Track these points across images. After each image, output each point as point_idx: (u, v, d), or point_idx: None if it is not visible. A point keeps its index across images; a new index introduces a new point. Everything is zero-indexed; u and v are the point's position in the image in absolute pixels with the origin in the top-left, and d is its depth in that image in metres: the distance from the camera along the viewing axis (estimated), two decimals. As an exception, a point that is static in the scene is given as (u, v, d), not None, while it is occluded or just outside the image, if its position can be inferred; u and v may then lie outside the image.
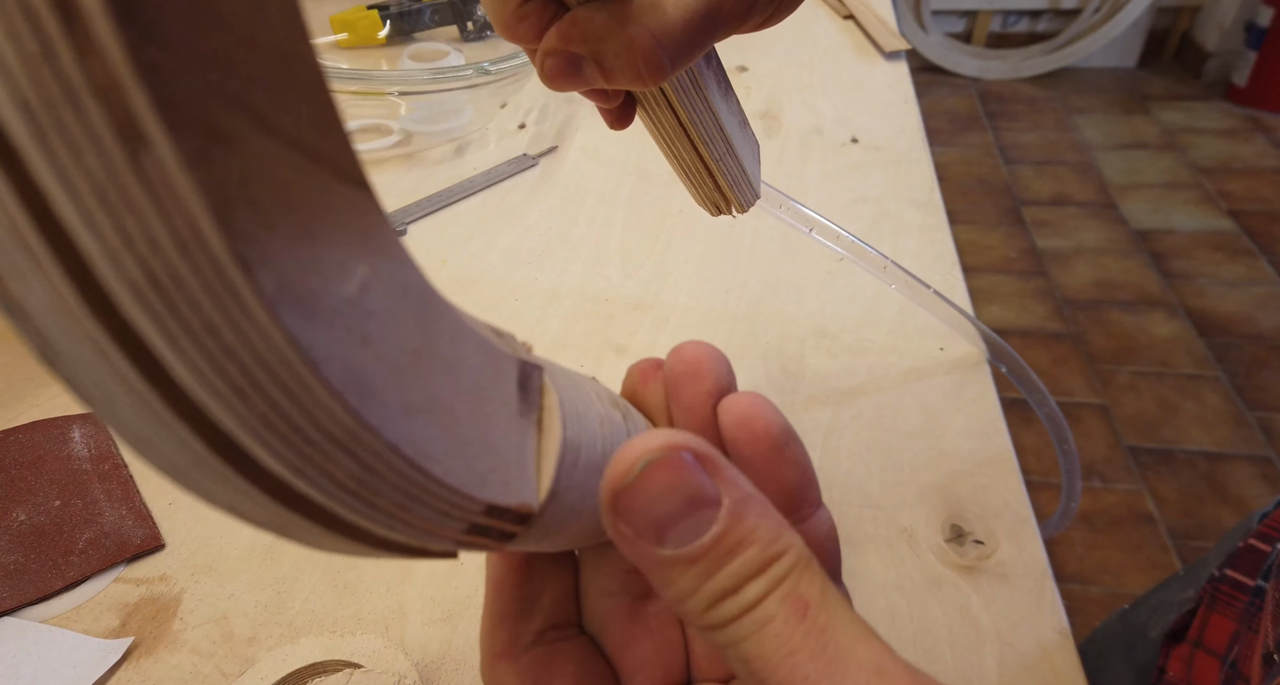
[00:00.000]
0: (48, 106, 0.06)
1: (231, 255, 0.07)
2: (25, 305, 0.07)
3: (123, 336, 0.07)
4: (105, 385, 0.08)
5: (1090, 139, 1.96)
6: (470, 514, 0.10)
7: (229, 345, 0.07)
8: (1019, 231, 1.65)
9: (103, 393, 0.08)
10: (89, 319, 0.07)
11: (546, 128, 0.60)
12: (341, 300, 0.08)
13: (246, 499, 0.09)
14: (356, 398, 0.08)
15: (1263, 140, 1.91)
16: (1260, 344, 1.36)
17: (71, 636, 0.28)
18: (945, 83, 2.25)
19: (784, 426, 0.16)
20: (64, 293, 0.07)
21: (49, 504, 0.32)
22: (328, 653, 0.27)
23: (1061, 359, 1.36)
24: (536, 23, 0.19)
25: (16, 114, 0.06)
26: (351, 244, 0.09)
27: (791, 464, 0.16)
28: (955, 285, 0.43)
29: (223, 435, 0.08)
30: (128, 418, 0.08)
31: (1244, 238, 1.60)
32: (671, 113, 0.24)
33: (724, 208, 0.28)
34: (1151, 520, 1.11)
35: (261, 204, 0.07)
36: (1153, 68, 2.28)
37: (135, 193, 0.07)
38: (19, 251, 0.07)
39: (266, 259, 0.07)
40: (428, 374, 0.10)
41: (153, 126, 0.06)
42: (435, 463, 0.10)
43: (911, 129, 0.58)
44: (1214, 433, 1.22)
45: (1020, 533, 0.31)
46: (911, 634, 0.28)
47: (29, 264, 0.07)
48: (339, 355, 0.08)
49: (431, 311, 0.10)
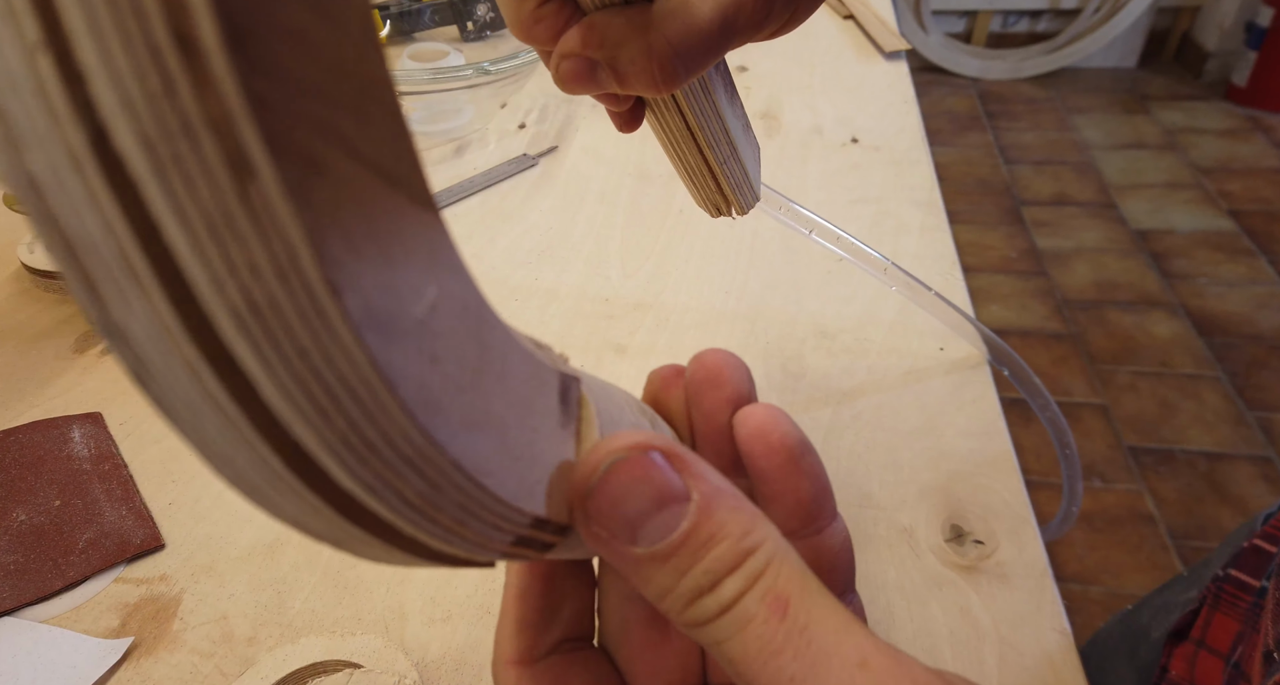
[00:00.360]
0: (166, 139, 0.07)
1: (324, 281, 0.07)
2: (125, 328, 0.07)
3: (218, 359, 0.08)
4: (195, 406, 0.08)
5: (1090, 139, 1.96)
6: (519, 527, 0.11)
7: (316, 367, 0.08)
8: (1019, 231, 1.65)
9: (191, 413, 0.08)
10: (187, 342, 0.07)
11: (546, 128, 0.60)
12: (414, 322, 0.09)
13: (314, 513, 0.09)
14: (426, 416, 0.09)
15: (1262, 140, 1.91)
16: (1260, 344, 1.36)
17: (71, 636, 0.28)
18: (945, 83, 2.25)
19: (800, 439, 0.16)
20: (166, 317, 0.07)
21: (49, 504, 0.32)
22: (328, 653, 0.27)
23: (1061, 359, 1.36)
24: (553, 24, 0.19)
25: (138, 147, 0.07)
26: (423, 266, 0.09)
27: (807, 476, 0.16)
28: (955, 285, 0.43)
29: (302, 453, 0.08)
30: (212, 436, 0.08)
31: (1244, 238, 1.60)
32: (680, 117, 0.24)
33: (725, 209, 0.28)
34: (1151, 520, 1.11)
35: (350, 230, 0.08)
36: (1153, 68, 2.28)
37: (241, 221, 0.07)
38: (125, 277, 0.07)
39: (354, 284, 0.08)
40: (485, 389, 0.10)
41: (259, 157, 0.07)
42: (491, 477, 0.10)
43: (912, 129, 0.58)
44: (1214, 433, 1.22)
45: (1020, 533, 0.31)
46: (911, 634, 0.28)
47: (134, 289, 0.07)
48: (412, 375, 0.09)
49: (487, 328, 0.10)
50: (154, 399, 0.08)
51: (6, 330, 0.41)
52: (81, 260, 0.07)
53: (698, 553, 0.12)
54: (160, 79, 0.06)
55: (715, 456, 0.17)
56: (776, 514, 0.16)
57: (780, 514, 0.16)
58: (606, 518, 0.12)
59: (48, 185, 0.07)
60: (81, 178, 0.07)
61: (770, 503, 0.16)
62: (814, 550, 0.16)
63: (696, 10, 0.19)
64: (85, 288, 0.07)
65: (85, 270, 0.07)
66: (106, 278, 0.07)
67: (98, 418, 0.36)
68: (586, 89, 0.20)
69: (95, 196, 0.07)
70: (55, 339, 0.41)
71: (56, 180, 0.07)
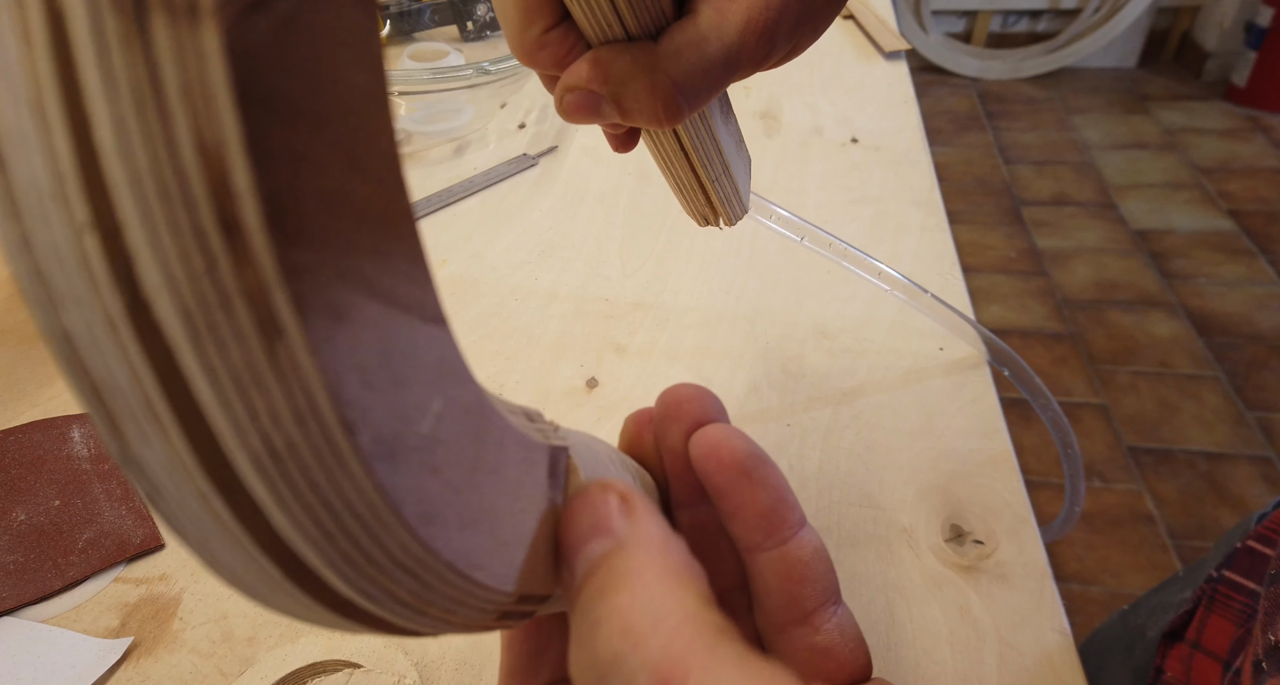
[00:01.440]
0: (204, 310, 0.07)
1: (339, 422, 0.08)
2: (141, 460, 0.08)
3: (231, 492, 0.08)
4: (203, 526, 0.08)
5: (1090, 139, 1.96)
6: (504, 605, 0.11)
7: (327, 498, 0.08)
8: (1019, 231, 1.65)
9: (198, 531, 0.09)
10: (203, 478, 0.08)
11: (546, 128, 0.60)
12: (420, 438, 0.09)
13: (309, 611, 0.09)
14: (424, 528, 0.09)
15: (1262, 140, 1.91)
16: (1259, 344, 1.36)
17: (71, 636, 0.28)
18: (945, 83, 2.25)
19: (750, 452, 0.16)
20: (184, 456, 0.08)
21: (49, 503, 0.32)
22: (328, 652, 0.27)
23: (1061, 359, 1.36)
24: (556, 51, 0.20)
25: (178, 320, 0.07)
26: (430, 380, 0.09)
27: (761, 487, 0.16)
28: (955, 286, 0.43)
29: (304, 567, 0.09)
30: (217, 551, 0.09)
31: (1243, 238, 1.60)
32: (675, 139, 0.24)
33: (713, 221, 0.28)
34: (1151, 520, 1.11)
35: (365, 366, 0.08)
36: (1152, 68, 2.28)
37: (267, 377, 0.08)
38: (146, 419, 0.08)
39: (365, 418, 0.08)
40: (480, 485, 0.11)
41: (288, 319, 0.07)
42: (480, 570, 0.10)
43: (911, 129, 0.58)
44: (1213, 433, 1.22)
45: (1020, 533, 0.31)
46: (911, 634, 0.28)
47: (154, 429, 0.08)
48: (414, 489, 0.09)
49: (484, 422, 0.11)
50: (164, 517, 0.09)
51: (6, 330, 0.41)
52: (105, 401, 0.08)
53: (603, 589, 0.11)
54: (204, 259, 0.07)
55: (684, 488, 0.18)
56: (737, 529, 0.16)
57: (741, 528, 0.16)
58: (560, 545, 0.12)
59: (81, 339, 0.07)
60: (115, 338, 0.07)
61: (730, 518, 0.16)
62: (781, 562, 0.16)
63: (701, 48, 0.19)
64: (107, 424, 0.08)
65: (109, 410, 0.08)
66: (128, 418, 0.08)
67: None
68: (589, 121, 0.20)
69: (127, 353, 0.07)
70: (55, 339, 0.41)
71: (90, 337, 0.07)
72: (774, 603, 0.16)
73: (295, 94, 0.07)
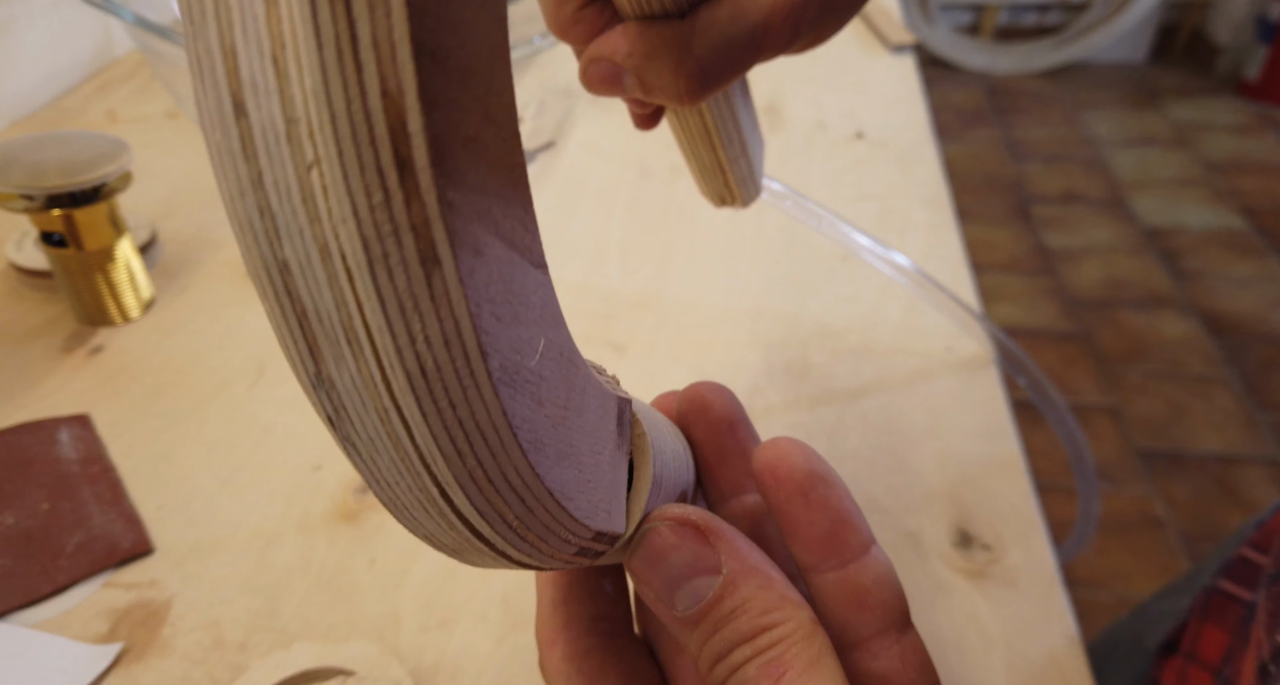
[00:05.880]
0: (378, 240, 0.08)
1: (478, 347, 0.09)
2: (334, 379, 0.09)
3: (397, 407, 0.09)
4: (377, 443, 0.10)
5: (1100, 135, 1.95)
6: (583, 540, 0.12)
7: (462, 417, 0.09)
8: (1027, 229, 1.64)
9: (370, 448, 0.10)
10: (386, 394, 0.09)
11: (544, 123, 0.59)
12: (529, 371, 0.10)
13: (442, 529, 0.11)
14: (534, 453, 0.10)
15: (1274, 136, 1.89)
16: (1272, 344, 1.35)
17: (60, 642, 0.28)
18: (952, 77, 2.23)
19: (809, 470, 0.16)
20: (374, 374, 0.09)
21: (37, 507, 0.31)
22: (320, 659, 0.27)
23: (1071, 360, 1.34)
24: (591, 27, 0.20)
25: (359, 247, 0.08)
26: (536, 320, 0.11)
27: (820, 509, 0.15)
28: (964, 285, 0.42)
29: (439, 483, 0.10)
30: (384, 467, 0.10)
31: (1255, 236, 1.58)
32: (700, 117, 0.25)
33: (729, 200, 0.29)
34: (1162, 524, 1.10)
35: (495, 300, 0.09)
36: (1163, 62, 2.26)
37: (425, 303, 0.09)
38: (346, 342, 0.09)
39: (496, 346, 0.09)
40: (570, 424, 0.12)
41: (444, 252, 0.09)
42: (570, 501, 0.12)
43: (918, 124, 0.57)
44: (1225, 434, 1.20)
45: (1029, 537, 0.31)
46: (917, 642, 0.28)
47: (351, 351, 0.09)
48: (526, 418, 0.10)
49: (572, 367, 0.12)
50: (340, 436, 0.10)
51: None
52: (309, 326, 0.09)
53: (720, 623, 0.13)
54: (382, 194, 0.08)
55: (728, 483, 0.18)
56: (794, 547, 0.16)
57: (798, 547, 0.16)
58: (651, 581, 0.14)
59: (296, 268, 0.09)
60: (327, 265, 0.09)
61: (787, 537, 0.16)
62: (840, 586, 0.15)
63: (727, 29, 0.19)
64: (306, 348, 0.09)
65: (310, 334, 0.09)
66: (328, 340, 0.09)
67: (86, 420, 0.35)
68: (611, 93, 0.21)
69: (336, 279, 0.09)
70: (43, 339, 0.40)
71: (306, 265, 0.09)
72: (831, 625, 0.16)
73: (450, 47, 0.08)
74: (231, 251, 0.46)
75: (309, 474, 0.34)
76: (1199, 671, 0.33)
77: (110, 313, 0.41)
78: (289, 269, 0.09)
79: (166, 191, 0.51)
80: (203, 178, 0.53)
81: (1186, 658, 0.34)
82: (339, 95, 0.08)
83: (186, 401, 0.37)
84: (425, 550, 0.31)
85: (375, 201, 0.08)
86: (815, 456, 0.16)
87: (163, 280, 0.44)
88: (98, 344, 0.40)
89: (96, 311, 0.40)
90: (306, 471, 0.34)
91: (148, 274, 0.42)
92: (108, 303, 0.40)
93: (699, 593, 0.13)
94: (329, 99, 0.08)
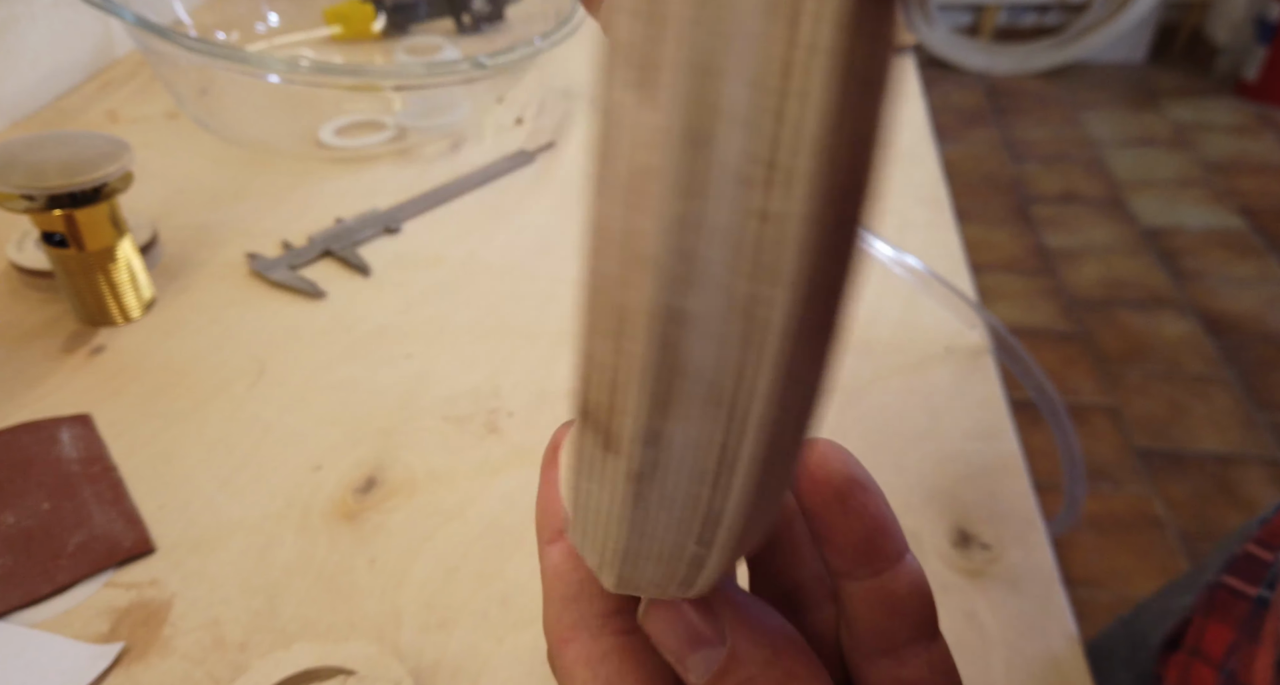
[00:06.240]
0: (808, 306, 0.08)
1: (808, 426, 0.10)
2: (666, 437, 0.09)
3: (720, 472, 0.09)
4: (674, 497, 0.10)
5: (1099, 135, 1.95)
6: None
7: (771, 491, 0.10)
8: (1026, 229, 1.64)
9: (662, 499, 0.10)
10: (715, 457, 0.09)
11: (544, 123, 0.59)
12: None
13: (663, 579, 0.11)
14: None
15: (1272, 136, 1.89)
16: (1271, 344, 1.35)
17: (60, 642, 0.28)
18: (951, 78, 2.23)
19: (847, 476, 0.15)
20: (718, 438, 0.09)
21: (38, 507, 0.31)
22: (321, 659, 0.27)
23: (1070, 359, 1.34)
24: None
25: (786, 313, 0.08)
26: None
27: (857, 516, 0.15)
28: (963, 285, 0.42)
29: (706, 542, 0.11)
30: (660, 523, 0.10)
31: (1255, 236, 1.59)
32: None
33: None
34: (1161, 524, 1.10)
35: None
36: (1162, 63, 2.26)
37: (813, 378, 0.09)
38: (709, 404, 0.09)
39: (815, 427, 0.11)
40: None
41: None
42: None
43: (917, 124, 0.57)
44: (1225, 434, 1.20)
45: (1028, 537, 0.31)
46: (916, 642, 0.28)
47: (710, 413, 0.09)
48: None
49: None
50: (639, 493, 0.10)
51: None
52: (674, 382, 0.08)
53: None
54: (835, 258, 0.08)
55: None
56: (827, 553, 0.16)
57: (831, 553, 0.16)
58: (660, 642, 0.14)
59: (698, 321, 0.08)
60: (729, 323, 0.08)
61: (820, 541, 0.16)
62: (872, 594, 0.15)
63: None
64: (657, 403, 0.09)
65: (671, 391, 0.08)
66: (685, 400, 0.08)
67: (87, 419, 0.35)
68: None
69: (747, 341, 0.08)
70: (44, 339, 0.40)
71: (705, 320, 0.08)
72: (861, 630, 0.16)
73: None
74: (232, 251, 0.46)
75: (309, 474, 0.34)
76: (1202, 667, 0.33)
77: (111, 313, 0.41)
78: (683, 320, 0.08)
79: (167, 191, 0.51)
80: (203, 178, 0.53)
81: (1190, 653, 0.34)
82: (840, 139, 0.07)
83: (187, 401, 0.37)
84: (425, 550, 0.31)
85: (823, 265, 0.08)
86: (854, 461, 0.15)
87: (163, 280, 0.44)
88: (99, 344, 0.40)
89: (97, 311, 0.40)
90: (306, 471, 0.34)
91: (148, 274, 0.42)
92: (109, 303, 0.40)
93: (707, 663, 0.13)
94: (826, 144, 0.07)
